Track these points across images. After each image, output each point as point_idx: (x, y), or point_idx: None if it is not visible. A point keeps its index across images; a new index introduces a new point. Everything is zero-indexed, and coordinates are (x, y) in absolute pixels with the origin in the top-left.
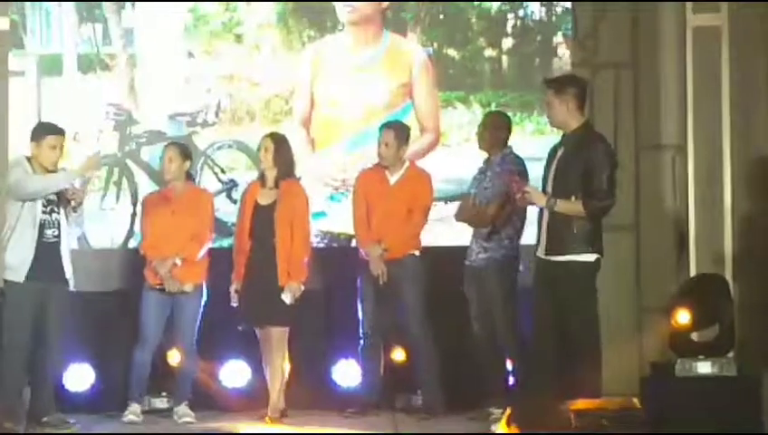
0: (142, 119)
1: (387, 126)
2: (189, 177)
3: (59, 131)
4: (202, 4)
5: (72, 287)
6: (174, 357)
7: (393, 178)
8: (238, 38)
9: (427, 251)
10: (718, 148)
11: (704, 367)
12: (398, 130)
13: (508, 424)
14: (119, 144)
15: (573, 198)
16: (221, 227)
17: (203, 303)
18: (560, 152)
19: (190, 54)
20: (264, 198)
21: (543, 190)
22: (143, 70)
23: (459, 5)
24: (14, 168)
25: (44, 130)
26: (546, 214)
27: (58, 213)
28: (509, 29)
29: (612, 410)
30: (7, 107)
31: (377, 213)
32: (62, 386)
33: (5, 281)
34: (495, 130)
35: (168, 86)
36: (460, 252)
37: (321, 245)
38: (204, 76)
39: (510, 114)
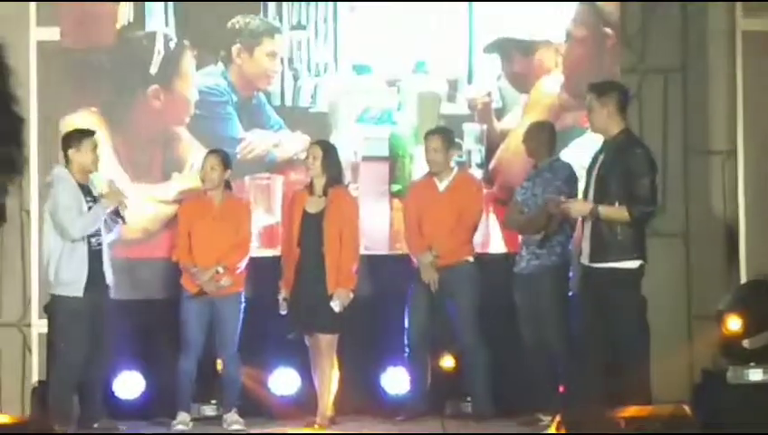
0: None
1: (432, 132)
2: (228, 185)
3: (93, 133)
4: None
5: (112, 294)
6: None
7: (442, 185)
8: None
9: (477, 258)
10: None
11: (755, 374)
12: (444, 136)
13: (558, 431)
14: None
15: (617, 204)
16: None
17: (242, 309)
18: (600, 159)
19: None
20: (313, 206)
21: (585, 197)
22: None
23: None
24: (64, 192)
25: (81, 134)
26: (589, 221)
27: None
28: None
29: (663, 418)
30: None
31: (427, 220)
32: (113, 393)
33: (59, 296)
34: (540, 138)
35: None
36: (509, 259)
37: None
38: None
39: None
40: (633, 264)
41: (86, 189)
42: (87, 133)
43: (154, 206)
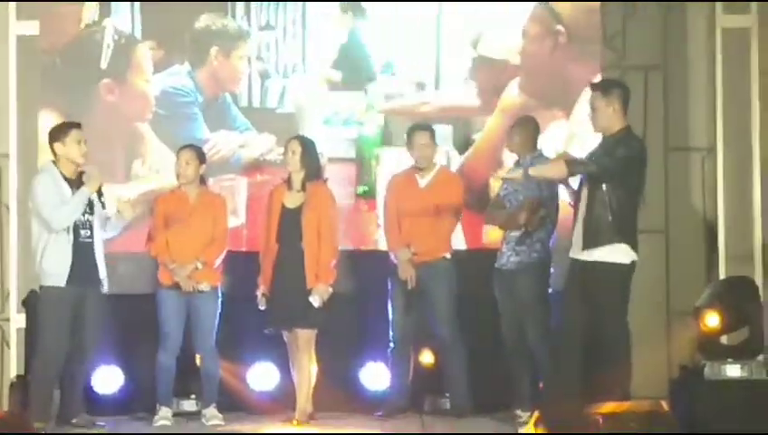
0: None
1: (421, 127)
2: (202, 180)
3: (78, 126)
4: None
5: (105, 289)
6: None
7: (423, 182)
8: None
9: (456, 254)
10: (748, 149)
11: (733, 370)
12: (431, 132)
13: (535, 427)
14: None
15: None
16: None
17: (219, 304)
18: (598, 153)
19: None
20: (291, 201)
21: (579, 191)
22: None
23: None
24: (40, 185)
25: (65, 127)
26: (582, 211)
27: (91, 214)
28: None
29: (640, 414)
30: None
31: (407, 216)
32: (91, 388)
33: (42, 286)
34: (525, 133)
35: None
36: (489, 255)
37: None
38: None
39: None
40: (625, 259)
41: (75, 183)
42: (71, 126)
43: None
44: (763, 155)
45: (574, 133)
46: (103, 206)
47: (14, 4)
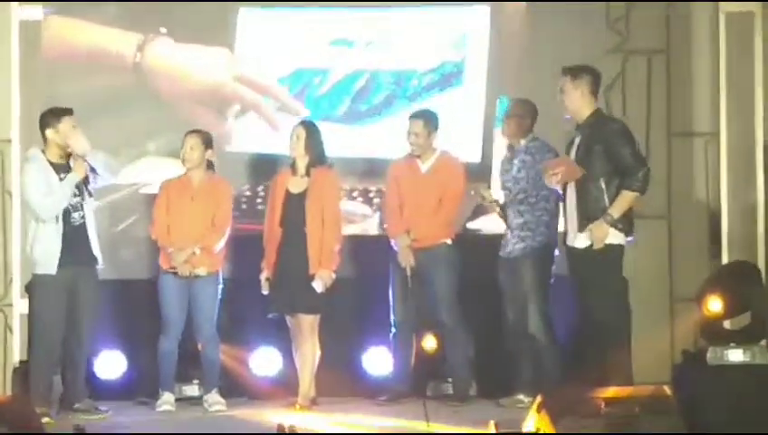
0: None
1: (415, 116)
2: (209, 165)
3: (70, 111)
4: None
5: (101, 264)
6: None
7: (424, 167)
8: None
9: (459, 239)
10: (751, 135)
11: (735, 355)
12: (426, 119)
13: (538, 411)
14: None
15: (602, 182)
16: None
17: (219, 289)
18: (576, 141)
19: None
20: (295, 187)
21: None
22: None
23: None
24: (27, 174)
25: (59, 113)
26: (573, 199)
27: (81, 196)
28: None
29: (643, 398)
30: None
31: (408, 202)
32: (94, 373)
33: (35, 274)
34: (520, 118)
35: None
36: (492, 240)
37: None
38: None
39: None
40: (617, 239)
41: (62, 168)
42: (64, 112)
43: None
44: (767, 139)
45: None
46: (90, 194)
47: None
